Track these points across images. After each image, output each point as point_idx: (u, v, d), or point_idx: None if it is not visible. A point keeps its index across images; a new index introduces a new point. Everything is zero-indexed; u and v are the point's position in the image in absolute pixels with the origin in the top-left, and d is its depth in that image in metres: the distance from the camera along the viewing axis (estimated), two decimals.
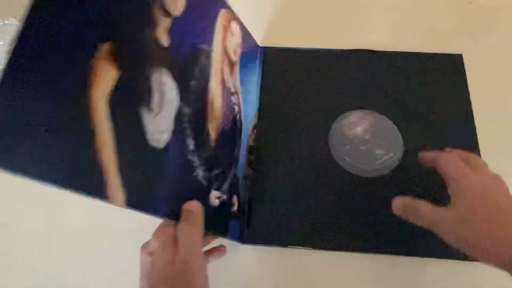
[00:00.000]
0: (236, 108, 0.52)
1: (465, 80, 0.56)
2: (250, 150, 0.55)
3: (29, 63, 0.27)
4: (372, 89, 0.57)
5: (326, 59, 0.60)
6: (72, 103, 0.30)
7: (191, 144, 0.42)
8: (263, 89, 0.59)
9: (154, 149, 0.38)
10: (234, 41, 0.53)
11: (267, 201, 0.52)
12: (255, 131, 0.56)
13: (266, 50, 0.62)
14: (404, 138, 0.53)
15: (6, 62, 0.26)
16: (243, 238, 0.50)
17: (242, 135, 0.53)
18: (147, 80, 0.37)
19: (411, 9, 0.64)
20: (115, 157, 0.33)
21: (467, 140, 0.52)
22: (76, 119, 0.30)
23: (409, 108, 0.55)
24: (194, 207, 0.40)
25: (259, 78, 0.59)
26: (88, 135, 0.31)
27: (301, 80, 0.58)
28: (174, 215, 0.39)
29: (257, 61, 0.60)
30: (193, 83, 0.44)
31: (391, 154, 0.53)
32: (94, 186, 0.31)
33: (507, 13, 0.62)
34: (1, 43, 0.57)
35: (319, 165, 0.52)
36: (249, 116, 0.56)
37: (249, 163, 0.54)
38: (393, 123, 0.54)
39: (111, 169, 0.33)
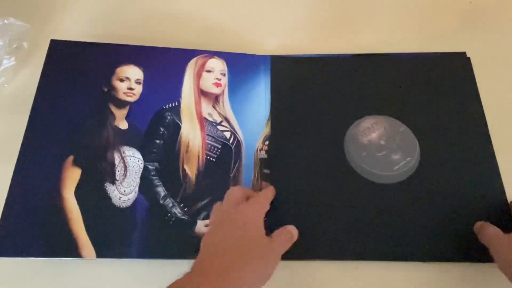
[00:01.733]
0: (228, 133, 0.56)
1: (473, 77, 0.56)
2: (263, 163, 0.55)
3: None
4: (382, 93, 0.55)
5: (334, 65, 0.58)
6: (50, 198, 0.49)
7: (161, 191, 0.52)
8: (273, 99, 0.56)
9: (122, 209, 0.52)
10: (213, 76, 0.59)
11: (285, 214, 0.49)
12: (266, 143, 0.55)
13: (272, 59, 0.59)
14: (419, 142, 0.52)
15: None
16: None
17: (244, 154, 0.55)
18: (108, 161, 0.51)
19: (411, 9, 0.64)
20: (85, 226, 0.50)
21: (481, 137, 0.53)
22: (53, 208, 0.49)
23: (421, 110, 0.54)
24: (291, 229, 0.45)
25: (266, 88, 0.57)
26: (62, 217, 0.49)
27: (310, 88, 0.56)
28: (149, 254, 0.49)
29: (261, 72, 0.59)
30: (158, 141, 0.55)
31: (408, 159, 0.51)
32: (70, 250, 0.47)
33: (506, 12, 0.63)
34: (1, 43, 0.55)
35: (337, 174, 0.51)
36: (254, 132, 0.55)
37: (264, 177, 0.54)
38: (407, 126, 0.53)
39: (82, 235, 0.50)
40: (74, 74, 0.55)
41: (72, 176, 0.50)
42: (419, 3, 0.66)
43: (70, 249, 0.47)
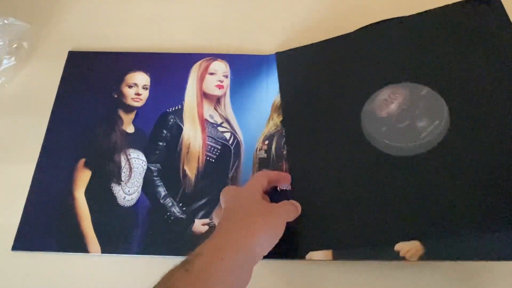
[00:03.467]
0: (228, 134, 0.56)
1: (508, 19, 0.47)
2: (262, 162, 0.54)
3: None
4: (395, 60, 0.50)
5: (338, 44, 0.54)
6: (63, 198, 0.52)
7: (162, 191, 0.54)
8: (283, 93, 0.55)
9: (125, 208, 0.54)
10: (216, 78, 0.59)
11: (307, 205, 0.45)
12: (266, 142, 0.55)
13: (277, 55, 0.58)
14: (448, 102, 0.45)
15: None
16: None
17: (243, 154, 0.55)
18: (115, 163, 0.53)
19: (410, 9, 0.58)
20: (92, 224, 0.53)
21: None
22: (66, 207, 0.52)
23: (445, 67, 0.47)
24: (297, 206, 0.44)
25: (268, 87, 0.56)
26: (73, 215, 0.51)
27: (318, 74, 0.53)
28: (149, 251, 0.50)
29: (263, 71, 0.58)
30: (161, 143, 0.56)
31: (436, 122, 0.45)
32: (78, 246, 0.50)
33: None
34: (1, 43, 0.54)
35: (357, 156, 0.46)
36: (254, 132, 0.54)
37: None
38: (431, 88, 0.47)
39: (90, 232, 0.53)
40: (88, 82, 0.59)
41: (83, 178, 0.53)
42: (418, 2, 0.61)
43: (79, 245, 0.49)
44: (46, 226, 0.50)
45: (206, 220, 0.49)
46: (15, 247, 0.50)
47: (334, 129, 0.48)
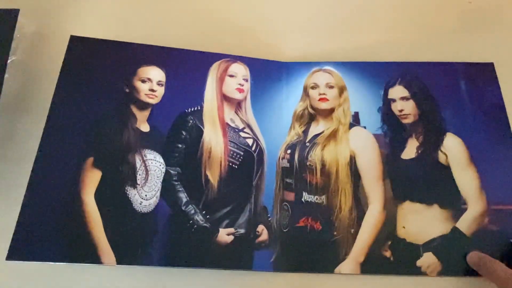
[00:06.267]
0: (250, 140, 0.52)
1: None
2: (285, 172, 0.51)
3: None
4: None
5: None
6: (68, 201, 0.45)
7: (183, 197, 0.48)
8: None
9: (143, 214, 0.47)
10: (235, 81, 0.54)
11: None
12: (288, 151, 0.52)
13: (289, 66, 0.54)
14: None
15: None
16: (278, 266, 0.47)
17: (266, 162, 0.51)
18: (130, 164, 0.47)
19: (408, 9, 0.61)
20: (105, 231, 0.46)
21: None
22: (71, 211, 0.44)
23: None
24: None
25: (288, 95, 0.53)
26: (81, 221, 0.44)
27: None
28: (171, 262, 0.45)
29: (282, 79, 0.54)
30: (180, 145, 0.50)
31: None
32: (89, 256, 0.43)
33: (505, 13, 0.60)
34: None
35: None
36: (276, 140, 0.51)
37: (286, 186, 0.51)
38: None
39: (102, 240, 0.46)
40: (94, 72, 0.51)
41: (92, 179, 0.46)
42: (417, 2, 0.61)
43: (89, 255, 0.43)
44: (47, 233, 0.43)
45: (231, 230, 0.46)
46: (10, 257, 0.42)
47: None
